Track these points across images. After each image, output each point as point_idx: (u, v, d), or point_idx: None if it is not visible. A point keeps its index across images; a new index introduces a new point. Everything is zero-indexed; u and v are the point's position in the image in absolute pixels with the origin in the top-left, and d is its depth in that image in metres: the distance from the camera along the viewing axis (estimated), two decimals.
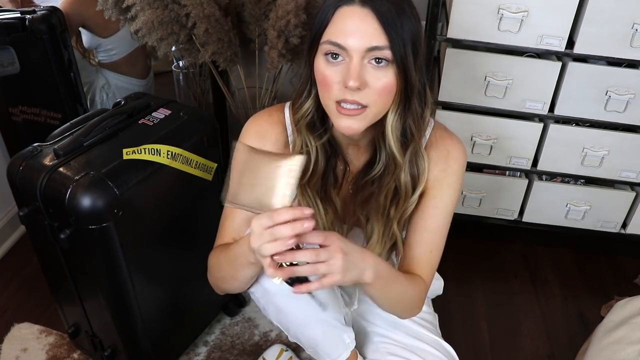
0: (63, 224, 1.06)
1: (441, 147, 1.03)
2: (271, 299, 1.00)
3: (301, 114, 0.99)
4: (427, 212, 1.04)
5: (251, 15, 1.62)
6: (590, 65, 1.50)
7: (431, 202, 1.04)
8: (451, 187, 1.05)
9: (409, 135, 0.96)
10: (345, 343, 1.10)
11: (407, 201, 1.02)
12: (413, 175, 1.01)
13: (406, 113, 0.94)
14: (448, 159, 1.03)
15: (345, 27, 0.86)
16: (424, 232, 1.05)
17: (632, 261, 1.84)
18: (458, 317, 1.61)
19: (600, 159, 1.62)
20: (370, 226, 1.05)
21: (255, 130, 1.06)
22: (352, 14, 0.85)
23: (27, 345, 1.45)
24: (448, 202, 1.05)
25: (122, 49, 2.04)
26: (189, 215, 1.28)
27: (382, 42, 0.85)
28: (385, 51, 0.85)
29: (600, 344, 1.21)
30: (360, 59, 0.86)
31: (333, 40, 0.87)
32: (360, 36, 0.85)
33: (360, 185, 1.04)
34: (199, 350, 1.46)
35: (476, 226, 1.86)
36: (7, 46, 1.54)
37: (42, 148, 1.12)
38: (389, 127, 0.94)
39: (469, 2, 1.43)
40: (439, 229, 1.05)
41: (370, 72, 0.87)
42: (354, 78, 0.85)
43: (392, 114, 0.93)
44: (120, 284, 1.14)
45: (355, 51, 0.85)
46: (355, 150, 1.05)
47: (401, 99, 0.91)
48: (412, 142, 0.97)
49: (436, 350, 1.13)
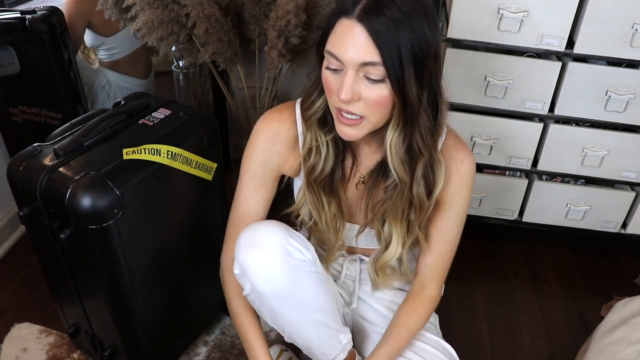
0: (63, 224, 1.06)
1: (454, 157, 1.04)
2: (265, 301, 1.00)
3: (313, 111, 1.00)
4: (439, 224, 1.09)
5: (251, 15, 1.62)
6: (590, 65, 1.50)
7: (444, 214, 1.08)
8: (463, 197, 1.07)
9: (416, 151, 0.95)
10: (342, 344, 1.10)
11: (424, 209, 1.03)
12: (428, 181, 1.00)
13: (411, 129, 0.92)
14: (460, 170, 1.04)
15: (342, 39, 0.87)
16: (437, 243, 1.10)
17: (632, 261, 1.84)
18: (458, 317, 1.61)
19: (600, 159, 1.62)
20: (388, 229, 1.07)
21: (266, 129, 1.07)
22: (350, 28, 0.85)
23: (27, 345, 1.45)
24: (460, 212, 1.08)
25: (124, 48, 2.04)
26: (189, 215, 1.28)
27: (375, 59, 0.85)
28: (378, 67, 0.85)
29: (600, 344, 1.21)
30: (355, 72, 0.87)
31: (331, 52, 0.88)
32: (354, 51, 0.85)
33: (375, 188, 1.05)
34: (199, 350, 1.46)
35: (476, 226, 1.86)
36: (7, 46, 1.54)
37: (42, 148, 1.12)
38: (388, 145, 0.94)
39: (469, 2, 1.43)
40: (452, 238, 1.10)
41: (365, 85, 0.88)
42: (346, 91, 0.87)
43: (392, 131, 0.93)
44: (120, 284, 1.14)
45: (349, 64, 0.86)
46: (367, 148, 1.05)
47: (401, 115, 0.90)
48: (420, 159, 0.96)
49: (437, 351, 1.14)
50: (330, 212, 1.07)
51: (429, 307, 1.14)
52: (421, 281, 1.13)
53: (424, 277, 1.13)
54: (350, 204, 1.12)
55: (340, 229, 1.10)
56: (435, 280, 1.14)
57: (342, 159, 1.05)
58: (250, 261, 0.97)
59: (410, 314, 1.12)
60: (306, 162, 1.04)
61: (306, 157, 1.03)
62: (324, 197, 1.05)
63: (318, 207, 1.07)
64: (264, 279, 0.96)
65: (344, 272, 1.23)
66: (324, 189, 1.05)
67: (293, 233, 1.00)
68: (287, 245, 0.97)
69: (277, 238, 0.97)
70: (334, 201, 1.06)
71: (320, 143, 1.01)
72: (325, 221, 1.08)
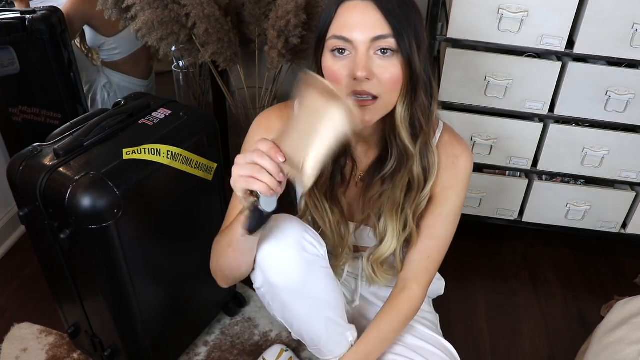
0: (63, 224, 1.06)
1: (450, 153, 1.04)
2: (277, 294, 0.99)
3: None
4: (432, 219, 1.07)
5: (251, 15, 1.62)
6: (590, 65, 1.50)
7: (437, 209, 1.06)
8: (457, 194, 1.06)
9: (418, 126, 0.97)
10: (348, 341, 1.11)
11: (420, 194, 1.03)
12: (424, 167, 1.01)
13: (414, 104, 0.94)
14: (456, 165, 1.04)
15: (349, 20, 0.88)
16: (425, 238, 1.08)
17: (632, 261, 1.84)
18: (458, 317, 1.61)
19: (600, 159, 1.62)
20: (384, 223, 1.06)
21: (265, 125, 1.06)
22: (355, 8, 0.87)
23: (27, 345, 1.45)
24: (454, 209, 1.07)
25: (125, 49, 2.04)
26: (189, 216, 1.28)
27: (386, 31, 0.87)
28: (389, 39, 0.87)
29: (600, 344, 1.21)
30: (366, 50, 0.88)
31: (338, 34, 0.89)
32: (364, 27, 0.87)
33: (372, 183, 1.05)
34: (199, 350, 1.46)
35: (476, 226, 1.86)
36: (7, 46, 1.54)
37: (42, 148, 1.12)
38: (399, 118, 0.95)
39: (469, 2, 1.43)
40: (442, 235, 1.08)
41: (377, 63, 0.89)
42: (362, 68, 0.87)
43: (400, 105, 0.94)
44: (120, 284, 1.14)
45: (360, 43, 0.87)
46: (365, 148, 1.05)
47: (408, 89, 0.92)
48: (421, 133, 0.98)
49: (438, 350, 1.14)
50: (334, 219, 1.07)
51: (407, 310, 1.09)
52: (404, 279, 1.10)
53: (407, 275, 1.10)
54: (351, 204, 1.12)
55: (345, 235, 1.10)
56: (418, 281, 1.09)
57: (342, 164, 1.05)
58: (265, 253, 0.95)
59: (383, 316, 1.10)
60: None
61: None
62: (326, 204, 1.05)
63: (322, 214, 1.06)
64: (279, 271, 0.95)
65: (346, 269, 1.23)
66: (325, 195, 1.05)
67: (307, 228, 0.99)
68: (302, 240, 0.96)
69: (293, 232, 0.96)
70: (337, 208, 1.06)
71: None
72: (330, 228, 1.07)
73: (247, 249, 0.95)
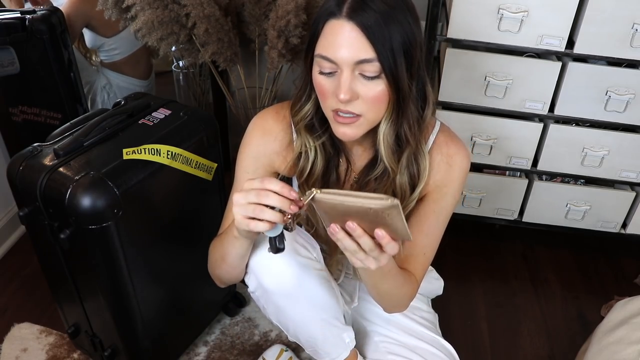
0: (63, 224, 1.06)
1: (444, 152, 1.04)
2: (271, 298, 1.00)
3: (301, 116, 1.00)
4: (425, 216, 1.06)
5: (251, 15, 1.62)
6: (590, 65, 1.50)
7: (430, 206, 1.06)
8: (451, 193, 1.05)
9: (404, 140, 0.96)
10: (345, 342, 1.11)
11: (406, 200, 1.02)
12: (412, 174, 1.01)
13: (399, 120, 0.94)
14: (450, 165, 1.04)
15: (333, 41, 0.87)
16: (420, 235, 1.07)
17: (632, 261, 1.85)
18: (458, 317, 1.61)
19: (600, 159, 1.62)
20: None
21: (261, 126, 1.06)
22: (341, 28, 0.86)
23: (27, 345, 1.45)
24: (447, 207, 1.06)
25: (125, 49, 2.04)
26: (189, 216, 1.28)
27: (370, 55, 0.85)
28: (374, 63, 0.86)
29: (600, 344, 1.21)
30: (350, 71, 0.87)
31: (324, 55, 0.88)
32: (348, 50, 0.85)
33: (363, 183, 1.05)
34: (199, 350, 1.46)
35: (476, 226, 1.86)
36: (7, 46, 1.54)
37: (42, 148, 1.12)
38: (381, 136, 0.95)
39: (469, 2, 1.43)
40: (435, 233, 1.07)
41: (362, 83, 0.88)
42: (344, 91, 0.87)
43: (384, 123, 0.94)
44: (120, 284, 1.14)
45: (344, 64, 0.86)
46: (360, 150, 1.06)
47: (394, 108, 0.92)
48: (407, 148, 0.97)
49: (437, 350, 1.14)
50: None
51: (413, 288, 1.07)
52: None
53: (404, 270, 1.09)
54: None
55: None
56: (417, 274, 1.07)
57: (336, 164, 1.05)
58: (258, 258, 0.96)
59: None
60: (296, 165, 1.04)
61: (296, 161, 1.04)
62: None
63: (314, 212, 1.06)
64: (272, 276, 0.96)
65: (344, 270, 1.24)
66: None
67: (299, 230, 1.00)
68: (294, 243, 0.97)
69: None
70: None
71: (309, 148, 1.01)
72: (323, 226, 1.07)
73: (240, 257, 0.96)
